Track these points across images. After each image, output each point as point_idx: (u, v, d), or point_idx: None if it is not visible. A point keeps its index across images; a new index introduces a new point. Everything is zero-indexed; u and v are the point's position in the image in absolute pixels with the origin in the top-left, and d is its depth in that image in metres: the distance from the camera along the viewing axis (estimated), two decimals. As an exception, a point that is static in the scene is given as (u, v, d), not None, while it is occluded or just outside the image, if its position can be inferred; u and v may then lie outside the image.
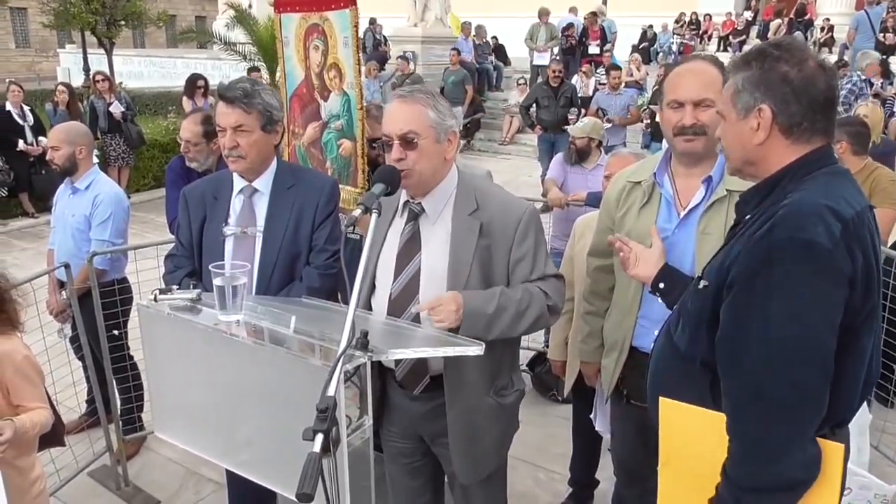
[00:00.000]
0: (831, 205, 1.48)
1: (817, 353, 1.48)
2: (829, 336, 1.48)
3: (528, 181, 10.44)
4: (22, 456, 2.35)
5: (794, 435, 1.50)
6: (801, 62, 1.55)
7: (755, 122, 1.59)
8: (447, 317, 1.92)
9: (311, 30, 3.56)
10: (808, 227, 1.46)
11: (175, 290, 2.00)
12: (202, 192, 2.64)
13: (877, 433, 3.67)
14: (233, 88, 2.45)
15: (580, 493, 3.47)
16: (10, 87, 9.03)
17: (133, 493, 3.60)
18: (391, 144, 2.03)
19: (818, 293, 1.46)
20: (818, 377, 1.48)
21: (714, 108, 2.06)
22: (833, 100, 1.59)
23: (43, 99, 12.14)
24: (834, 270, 1.45)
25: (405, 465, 2.38)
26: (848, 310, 1.49)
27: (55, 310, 3.81)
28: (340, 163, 3.63)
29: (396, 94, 2.11)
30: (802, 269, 1.45)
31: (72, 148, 3.67)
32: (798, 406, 1.49)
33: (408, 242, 2.15)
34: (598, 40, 14.87)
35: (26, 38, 34.33)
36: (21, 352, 2.31)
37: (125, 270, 3.89)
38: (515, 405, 2.32)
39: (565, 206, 4.67)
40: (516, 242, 2.11)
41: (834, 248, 1.44)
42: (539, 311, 2.11)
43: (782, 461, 1.50)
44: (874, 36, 12.97)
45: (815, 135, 1.58)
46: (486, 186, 2.23)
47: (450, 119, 2.09)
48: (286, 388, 1.70)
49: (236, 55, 13.03)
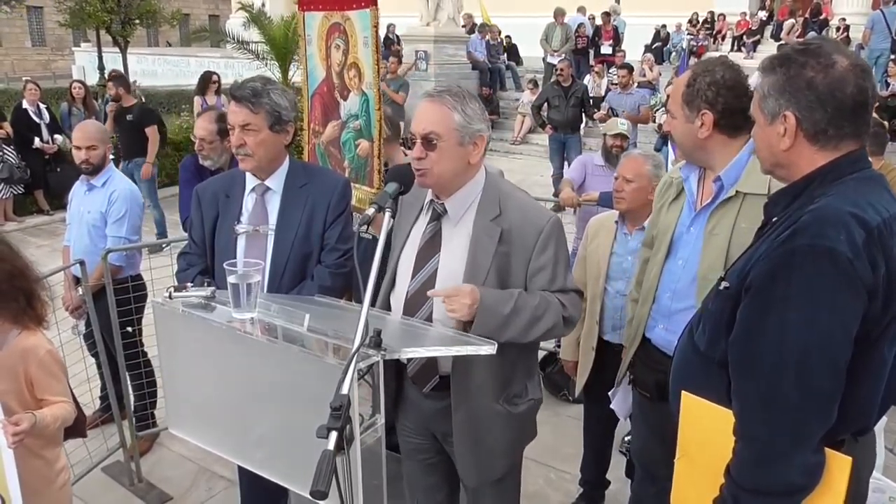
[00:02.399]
0: (856, 212, 1.46)
1: (829, 363, 1.47)
2: (842, 346, 1.47)
3: (539, 181, 10.43)
4: (48, 447, 2.39)
5: (797, 441, 1.49)
6: (826, 67, 1.52)
7: (781, 128, 1.58)
8: (460, 309, 1.91)
9: (333, 28, 3.58)
10: (830, 235, 1.44)
11: (189, 287, 2.01)
12: (215, 190, 2.65)
13: (892, 435, 3.64)
14: (242, 88, 2.46)
15: (591, 493, 3.47)
16: (27, 85, 9.10)
17: (146, 489, 3.63)
18: (414, 143, 2.04)
19: (835, 302, 1.45)
20: (827, 386, 1.48)
21: (674, 119, 2.19)
22: (864, 102, 1.54)
23: (58, 97, 12.22)
24: (853, 280, 1.43)
25: (421, 462, 2.38)
26: (866, 319, 1.47)
27: (70, 306, 3.85)
28: (358, 163, 3.64)
29: (427, 93, 2.09)
30: (821, 278, 1.44)
31: (104, 147, 3.77)
32: (804, 413, 1.49)
33: (428, 242, 2.15)
34: (611, 40, 14.83)
35: (42, 36, 34.62)
36: (45, 346, 2.34)
37: (140, 267, 3.93)
38: (529, 414, 2.27)
39: (577, 206, 4.65)
40: (535, 253, 2.09)
41: (855, 257, 1.43)
42: (554, 320, 2.09)
43: (782, 466, 1.50)
44: (890, 36, 12.84)
45: (843, 140, 1.55)
46: (512, 192, 2.19)
47: (478, 123, 2.06)
48: (300, 386, 1.71)
49: (249, 54, 13.08)
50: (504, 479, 2.30)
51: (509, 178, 2.75)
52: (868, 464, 1.72)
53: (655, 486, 2.52)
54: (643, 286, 2.42)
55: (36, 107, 8.86)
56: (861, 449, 1.62)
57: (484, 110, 2.13)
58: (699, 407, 1.71)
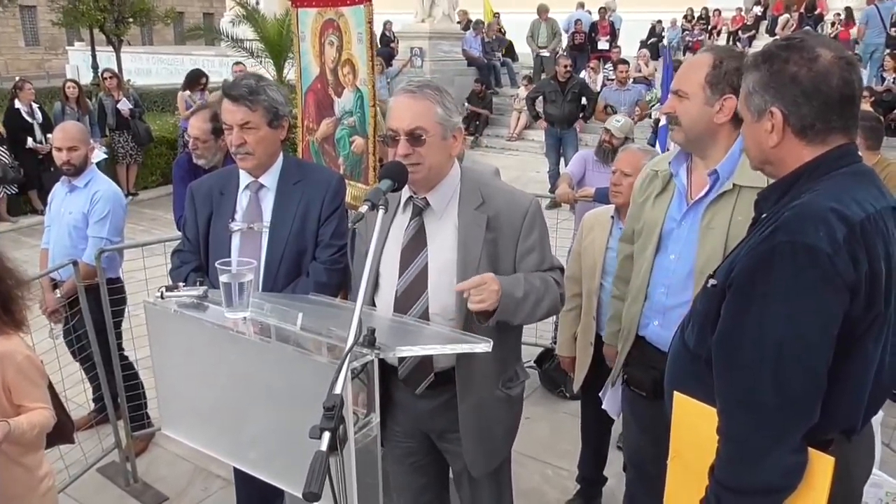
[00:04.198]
0: (838, 208, 1.44)
1: (808, 361, 1.46)
2: (823, 344, 1.45)
3: (535, 177, 10.42)
4: (28, 454, 2.34)
5: (774, 440, 1.48)
6: (810, 61, 1.50)
7: (769, 124, 1.57)
8: (489, 296, 1.91)
9: (327, 25, 3.56)
10: (809, 231, 1.43)
11: (182, 287, 1.99)
12: (209, 187, 2.64)
13: (888, 430, 3.65)
14: (238, 86, 2.44)
15: (588, 489, 3.46)
16: (21, 84, 9.04)
17: (142, 489, 3.61)
18: (397, 140, 2.01)
19: (815, 300, 1.43)
20: (807, 385, 1.46)
21: (686, 99, 2.10)
22: (852, 95, 1.52)
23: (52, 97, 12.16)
24: (833, 277, 1.42)
25: (410, 465, 2.37)
26: (849, 317, 1.46)
27: (49, 309, 3.76)
28: (352, 159, 3.63)
29: (404, 89, 2.08)
30: (801, 275, 1.43)
31: (85, 148, 3.73)
32: (781, 412, 1.48)
33: (413, 238, 2.14)
34: (608, 35, 14.81)
35: (35, 35, 34.42)
36: (22, 352, 2.29)
37: (119, 271, 3.88)
38: (521, 396, 2.35)
39: (573, 202, 4.64)
40: (523, 235, 2.12)
41: (834, 253, 1.41)
42: (553, 298, 2.15)
43: (760, 465, 1.50)
44: (885, 31, 12.85)
45: (831, 133, 1.54)
46: (489, 181, 2.24)
47: (456, 116, 2.09)
48: (293, 386, 1.69)
49: (244, 52, 13.04)
50: (498, 469, 2.33)
51: (505, 175, 2.75)
52: (864, 464, 1.70)
53: (648, 484, 2.51)
54: (633, 283, 2.39)
55: (29, 106, 8.82)
56: (854, 449, 1.60)
57: (457, 103, 2.16)
58: (691, 407, 1.70)
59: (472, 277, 1.95)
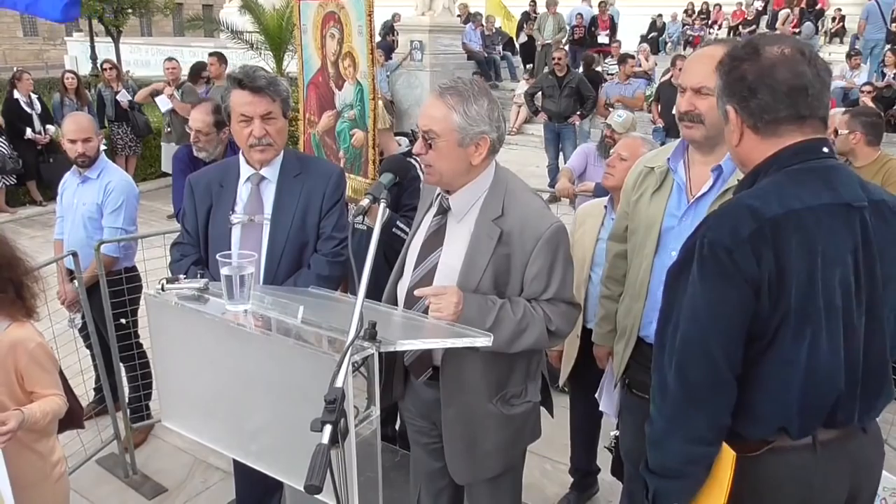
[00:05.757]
0: (755, 204, 1.48)
1: (704, 354, 1.51)
2: (721, 337, 1.50)
3: (535, 171, 10.39)
4: (41, 440, 2.37)
5: (675, 426, 1.57)
6: (756, 55, 1.54)
7: (730, 124, 1.62)
8: (446, 308, 1.87)
9: (328, 18, 3.56)
10: (716, 227, 1.50)
11: (182, 279, 1.99)
12: (209, 179, 2.63)
13: (885, 426, 3.65)
14: (255, 77, 2.44)
15: (582, 480, 3.46)
16: (20, 75, 9.01)
17: (141, 480, 3.62)
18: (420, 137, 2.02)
19: (715, 293, 1.49)
20: (706, 374, 1.51)
21: (710, 96, 2.03)
22: (802, 87, 1.51)
23: (50, 87, 12.12)
24: (730, 272, 1.46)
25: (425, 446, 2.37)
26: (758, 316, 1.48)
27: (66, 299, 3.81)
28: (353, 153, 3.62)
29: (438, 85, 2.03)
30: (703, 270, 1.50)
31: (97, 139, 3.75)
32: (683, 402, 1.55)
33: (432, 235, 2.13)
34: (608, 30, 14.78)
35: (34, 26, 34.28)
36: (35, 339, 2.32)
37: (134, 259, 3.90)
38: (527, 416, 2.22)
39: (573, 196, 4.63)
40: (532, 259, 2.02)
41: (735, 248, 1.45)
42: (537, 334, 2.03)
43: (663, 449, 1.61)
44: (885, 26, 12.83)
45: (781, 125, 1.54)
46: (519, 193, 2.10)
47: (481, 125, 1.98)
48: (294, 379, 1.69)
49: (243, 44, 12.99)
50: (500, 479, 2.27)
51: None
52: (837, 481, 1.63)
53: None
54: (631, 282, 2.34)
55: (27, 97, 8.79)
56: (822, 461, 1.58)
57: (494, 109, 2.01)
58: None
59: (434, 285, 1.97)
